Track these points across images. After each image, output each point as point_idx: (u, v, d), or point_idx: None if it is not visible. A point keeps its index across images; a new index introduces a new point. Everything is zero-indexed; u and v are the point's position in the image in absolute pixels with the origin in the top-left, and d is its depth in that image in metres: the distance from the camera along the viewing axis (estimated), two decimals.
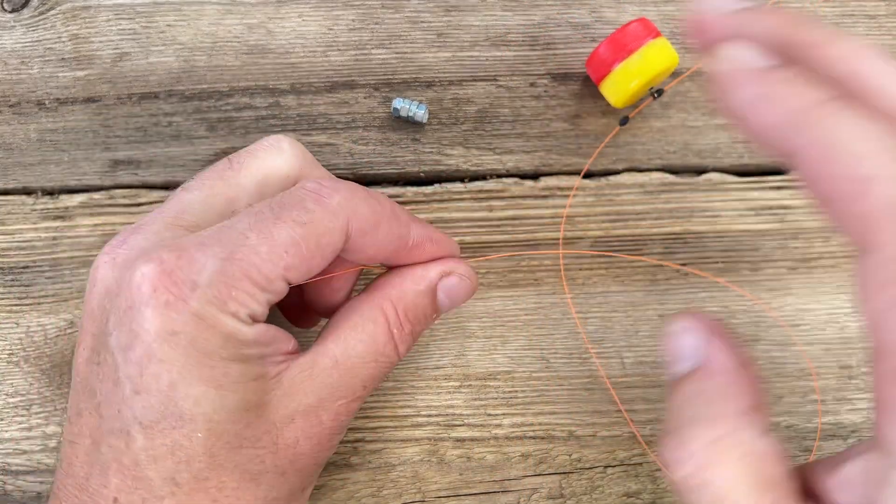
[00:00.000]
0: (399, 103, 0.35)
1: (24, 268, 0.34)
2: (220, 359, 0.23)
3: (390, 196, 0.36)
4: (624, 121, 0.36)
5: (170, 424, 0.23)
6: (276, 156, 0.28)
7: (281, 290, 0.24)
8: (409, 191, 0.36)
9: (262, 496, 0.24)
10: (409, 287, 0.27)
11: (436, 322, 0.28)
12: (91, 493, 0.23)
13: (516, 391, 0.34)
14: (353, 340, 0.26)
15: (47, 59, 0.37)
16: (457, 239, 0.32)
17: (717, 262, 0.36)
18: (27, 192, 0.36)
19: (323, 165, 0.36)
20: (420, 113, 0.35)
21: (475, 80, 0.37)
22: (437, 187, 0.36)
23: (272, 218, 0.24)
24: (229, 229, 0.24)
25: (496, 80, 0.37)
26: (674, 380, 0.22)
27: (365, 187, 0.27)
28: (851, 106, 0.17)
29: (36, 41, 0.37)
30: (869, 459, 0.19)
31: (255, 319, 0.24)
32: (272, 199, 0.25)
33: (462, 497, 0.32)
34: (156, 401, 0.23)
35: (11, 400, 0.33)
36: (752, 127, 0.18)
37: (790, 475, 0.20)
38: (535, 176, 0.37)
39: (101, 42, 0.37)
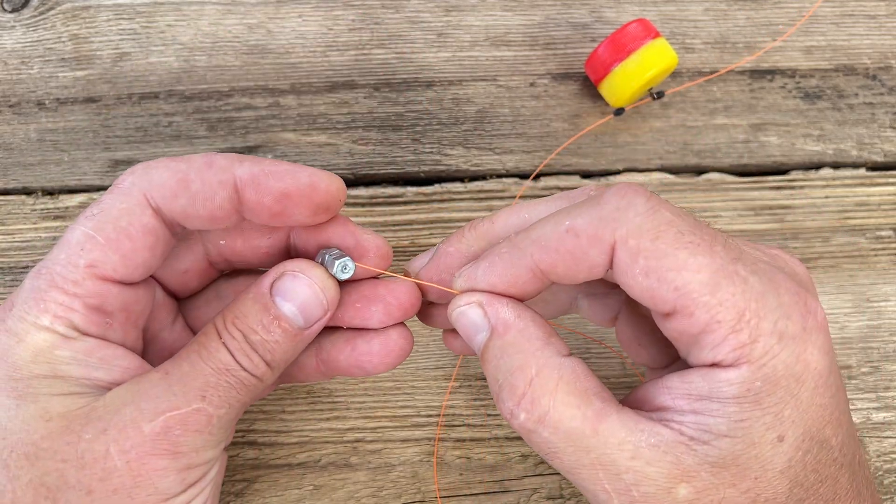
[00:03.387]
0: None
1: (24, 268, 0.34)
2: (29, 372, 0.23)
3: (389, 196, 0.36)
4: (619, 112, 0.36)
5: None
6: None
7: (101, 290, 0.23)
8: (409, 191, 0.36)
9: None
10: (242, 297, 0.25)
11: (307, 339, 0.26)
12: None
13: None
14: (185, 353, 0.24)
15: (47, 59, 0.37)
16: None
17: None
18: (27, 192, 0.36)
19: (322, 165, 0.36)
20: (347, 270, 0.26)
21: (475, 80, 0.37)
22: (437, 187, 0.36)
23: (71, 226, 0.24)
24: (51, 251, 0.24)
25: (496, 80, 0.37)
26: (479, 352, 0.24)
27: (179, 157, 0.25)
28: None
29: (36, 41, 0.37)
30: (679, 367, 0.22)
31: (81, 332, 0.23)
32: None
33: (462, 497, 0.32)
34: None
35: None
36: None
37: (602, 385, 0.23)
38: (534, 176, 0.37)
39: (101, 42, 0.37)
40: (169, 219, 0.25)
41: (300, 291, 0.25)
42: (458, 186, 0.36)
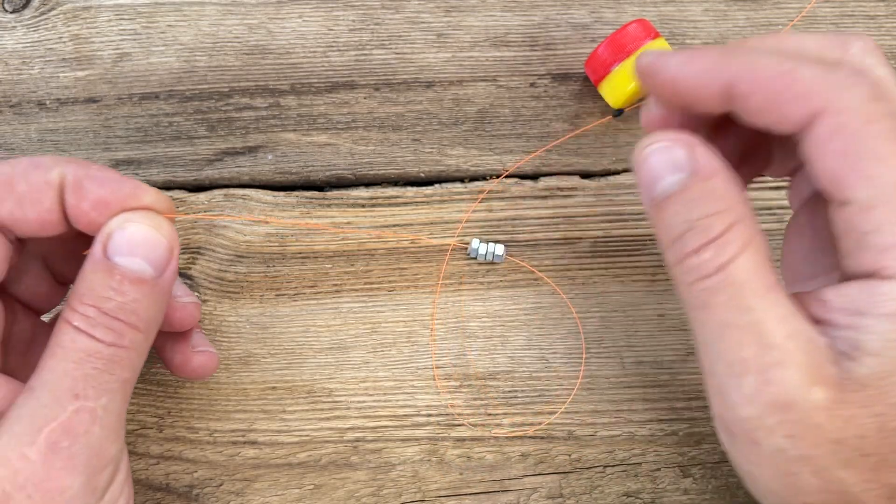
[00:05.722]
0: (476, 244, 0.35)
1: None
2: None
3: (389, 196, 0.36)
4: (618, 113, 0.36)
5: None
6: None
7: None
8: (410, 191, 0.36)
9: None
10: (79, 277, 0.23)
11: (164, 285, 0.24)
12: None
13: (516, 391, 0.34)
14: (43, 360, 0.22)
15: (48, 59, 0.37)
16: (457, 239, 0.32)
17: None
18: None
19: (322, 166, 0.36)
20: (499, 254, 0.34)
21: (475, 81, 0.37)
22: (437, 187, 0.36)
23: None
24: None
25: (496, 80, 0.37)
26: (663, 198, 0.23)
27: (2, 160, 0.24)
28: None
29: (37, 41, 0.37)
30: (848, 286, 0.22)
31: None
32: None
33: (462, 497, 0.32)
34: None
35: None
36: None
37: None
38: (534, 176, 0.37)
39: (101, 42, 0.37)
40: None
41: (137, 241, 0.23)
42: (458, 186, 0.36)
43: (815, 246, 0.26)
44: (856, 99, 0.21)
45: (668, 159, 0.23)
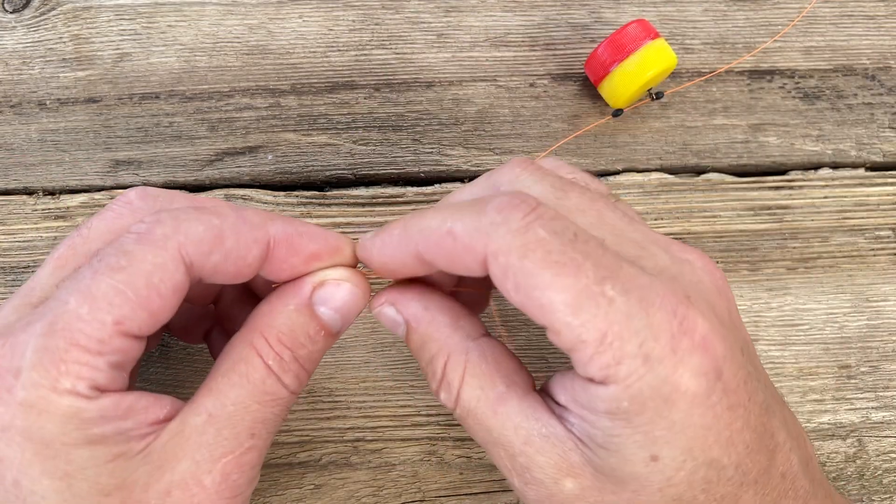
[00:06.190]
0: None
1: (25, 268, 0.34)
2: (63, 445, 0.21)
3: (390, 196, 0.36)
4: (617, 113, 0.36)
5: None
6: (123, 210, 0.25)
7: (124, 346, 0.22)
8: (410, 191, 0.36)
9: None
10: (279, 310, 0.24)
11: (336, 340, 0.26)
12: None
13: None
14: (226, 387, 0.23)
15: (48, 59, 0.37)
16: None
17: (716, 262, 0.36)
18: (28, 192, 0.36)
19: (323, 166, 0.36)
20: None
21: (475, 81, 0.37)
22: (437, 187, 0.36)
23: (90, 273, 0.22)
24: (54, 300, 0.22)
25: (496, 80, 0.37)
26: (408, 345, 0.26)
27: (202, 204, 0.25)
28: None
29: (37, 41, 0.37)
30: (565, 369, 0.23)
31: (101, 389, 0.21)
32: (95, 254, 0.23)
33: (462, 497, 0.32)
34: (4, 501, 0.21)
35: None
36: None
37: (517, 368, 0.25)
38: None
39: (102, 42, 0.37)
40: (197, 275, 0.23)
41: (345, 301, 0.25)
42: (458, 186, 0.36)
43: None
44: (506, 238, 0.21)
45: (388, 318, 0.26)
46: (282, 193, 0.36)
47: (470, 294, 0.29)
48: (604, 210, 0.24)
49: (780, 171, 0.37)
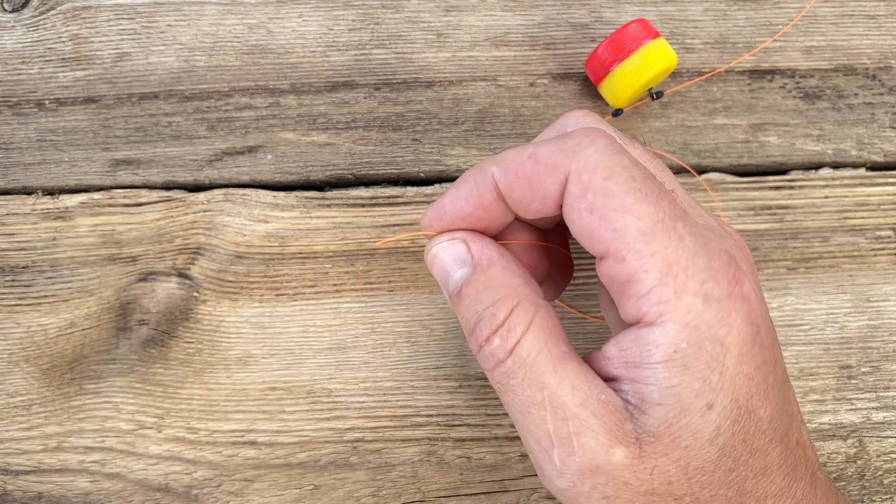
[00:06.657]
0: None
1: (24, 268, 0.34)
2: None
3: (389, 196, 0.36)
4: (617, 112, 0.36)
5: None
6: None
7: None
8: (410, 191, 0.36)
9: None
10: None
11: None
12: None
13: None
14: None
15: (47, 59, 0.37)
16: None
17: None
18: (27, 191, 0.36)
19: (322, 166, 0.36)
20: None
21: (475, 80, 0.37)
22: (437, 187, 0.36)
23: None
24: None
25: (496, 80, 0.37)
26: (455, 293, 0.25)
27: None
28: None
29: (36, 41, 0.37)
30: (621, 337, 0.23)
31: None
32: None
33: (462, 497, 0.32)
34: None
35: (12, 400, 0.33)
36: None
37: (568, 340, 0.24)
38: None
39: (101, 42, 0.37)
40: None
41: None
42: None
43: (609, 300, 0.27)
44: (593, 157, 0.22)
45: (453, 255, 0.25)
46: (281, 193, 0.36)
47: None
48: (661, 166, 0.25)
49: (781, 170, 0.37)
